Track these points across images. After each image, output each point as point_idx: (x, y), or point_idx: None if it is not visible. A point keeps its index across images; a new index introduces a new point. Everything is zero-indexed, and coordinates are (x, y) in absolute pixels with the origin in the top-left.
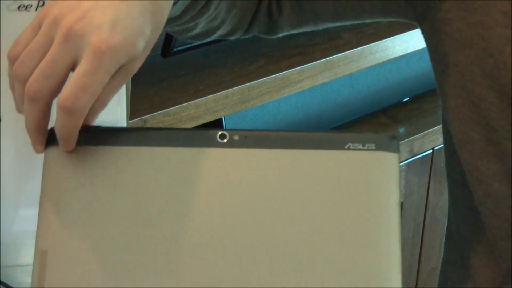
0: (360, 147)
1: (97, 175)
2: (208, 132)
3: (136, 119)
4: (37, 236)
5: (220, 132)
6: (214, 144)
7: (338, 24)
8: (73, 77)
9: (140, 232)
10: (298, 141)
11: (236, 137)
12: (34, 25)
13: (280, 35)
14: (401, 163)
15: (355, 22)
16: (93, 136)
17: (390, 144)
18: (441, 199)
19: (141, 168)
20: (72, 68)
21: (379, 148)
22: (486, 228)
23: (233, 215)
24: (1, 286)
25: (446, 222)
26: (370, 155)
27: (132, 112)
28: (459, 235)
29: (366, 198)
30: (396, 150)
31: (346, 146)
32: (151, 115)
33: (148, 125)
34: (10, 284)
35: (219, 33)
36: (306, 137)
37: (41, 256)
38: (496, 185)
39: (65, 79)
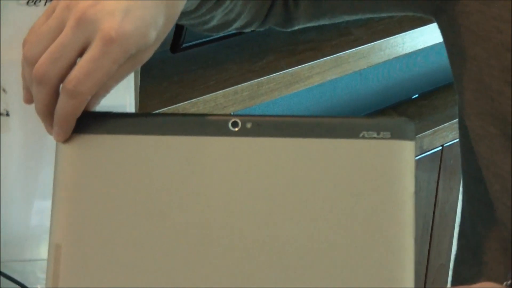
0: (375, 135)
1: (109, 165)
2: (220, 119)
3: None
4: (51, 229)
5: (232, 120)
6: (225, 133)
7: (355, 17)
8: (81, 61)
9: (153, 224)
10: (311, 129)
11: (248, 125)
12: (48, 12)
13: (296, 27)
14: None
15: (372, 16)
16: (104, 125)
17: (406, 131)
18: (450, 196)
19: (154, 158)
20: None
21: (394, 136)
22: (501, 224)
23: (244, 207)
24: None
25: (459, 218)
26: (385, 144)
27: (141, 107)
28: (473, 231)
29: (381, 189)
30: (413, 137)
31: (361, 135)
32: (160, 110)
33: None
34: (29, 279)
35: (236, 25)
36: (320, 124)
37: (55, 249)
38: None
39: (73, 64)
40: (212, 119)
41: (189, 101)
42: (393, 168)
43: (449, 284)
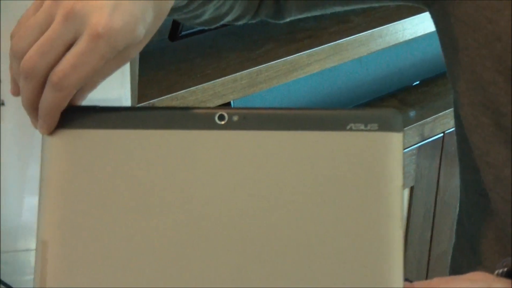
0: (362, 127)
1: (96, 160)
2: (206, 112)
3: (144, 103)
4: (38, 225)
5: (219, 113)
6: (212, 126)
7: (346, 8)
8: (67, 55)
9: (141, 220)
10: (298, 121)
11: (235, 118)
12: (36, 4)
13: (288, 19)
14: (412, 147)
15: (363, 6)
16: (90, 119)
17: (393, 123)
18: (451, 183)
19: (140, 153)
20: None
21: (382, 128)
22: (496, 214)
23: (232, 200)
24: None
25: (458, 207)
26: (373, 136)
27: (140, 96)
28: (470, 221)
29: (369, 182)
30: (400, 129)
31: (348, 127)
32: (159, 99)
33: (160, 106)
34: (22, 268)
35: (228, 18)
36: (307, 117)
37: (42, 246)
38: (506, 170)
39: (61, 58)
40: (198, 112)
41: (188, 89)
42: (381, 160)
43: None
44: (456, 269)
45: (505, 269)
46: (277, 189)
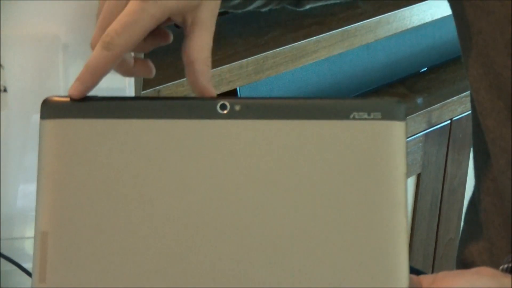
0: (366, 116)
1: (96, 150)
2: (208, 102)
3: (150, 90)
4: (37, 216)
5: (221, 102)
6: (214, 115)
7: None
8: (119, 16)
9: (142, 210)
10: (301, 110)
11: (237, 107)
12: None
13: (308, 7)
14: (419, 134)
15: None
16: (90, 109)
17: (396, 112)
18: (459, 170)
19: (141, 142)
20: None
21: (385, 117)
22: (506, 199)
23: (234, 190)
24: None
25: (466, 194)
26: (376, 125)
27: (146, 82)
28: (480, 206)
29: (372, 170)
30: (403, 118)
31: (351, 116)
32: (165, 85)
33: (161, 96)
34: (18, 256)
35: (256, 4)
36: (310, 106)
37: (41, 237)
38: None
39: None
40: (200, 102)
41: None
42: (384, 148)
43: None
44: (465, 254)
45: (510, 265)
46: (280, 178)
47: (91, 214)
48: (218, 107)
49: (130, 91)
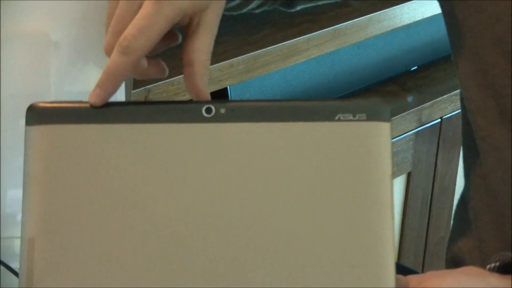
0: (351, 117)
1: (82, 156)
2: (193, 106)
3: (140, 89)
4: (23, 222)
5: (206, 106)
6: (199, 119)
7: None
8: (134, 19)
9: (129, 215)
10: (286, 112)
11: (222, 110)
12: None
13: (298, 8)
14: (409, 132)
15: None
16: (76, 114)
17: (381, 113)
18: (449, 169)
19: (127, 147)
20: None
21: (370, 117)
22: (495, 197)
23: (220, 192)
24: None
25: (456, 192)
26: (361, 126)
27: (136, 81)
28: (470, 204)
29: (358, 171)
30: (388, 118)
31: (336, 117)
32: (155, 84)
33: (152, 95)
34: (5, 256)
35: (252, 6)
36: (295, 108)
37: (28, 243)
38: (507, 152)
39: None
40: (185, 105)
41: None
42: (370, 149)
43: None
44: (455, 252)
45: (497, 264)
46: (266, 180)
47: (77, 219)
48: (203, 111)
49: (120, 94)
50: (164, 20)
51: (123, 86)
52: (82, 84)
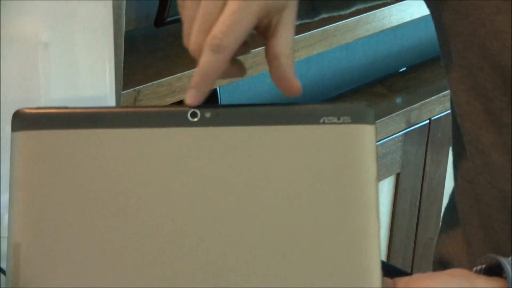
0: (335, 120)
1: (68, 161)
2: (178, 110)
3: (130, 90)
4: (9, 227)
5: (191, 110)
6: (185, 123)
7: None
8: (221, 17)
9: (115, 220)
10: (271, 116)
11: (207, 115)
12: None
13: (322, 16)
14: (398, 134)
15: (378, 2)
16: (61, 120)
17: (366, 116)
18: (438, 170)
19: (113, 152)
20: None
21: (354, 120)
22: (483, 200)
23: (206, 197)
24: None
25: (445, 194)
26: (346, 129)
27: (125, 82)
28: (458, 207)
29: (343, 174)
30: (372, 121)
31: (321, 120)
32: (144, 85)
33: (141, 96)
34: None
35: None
36: (280, 112)
37: (14, 248)
38: (494, 156)
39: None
40: (170, 110)
41: (174, 75)
42: (354, 152)
43: None
44: (442, 254)
45: (483, 266)
46: (251, 184)
47: (63, 225)
48: (188, 115)
49: (111, 99)
50: (252, 16)
51: (112, 86)
52: (85, 78)
